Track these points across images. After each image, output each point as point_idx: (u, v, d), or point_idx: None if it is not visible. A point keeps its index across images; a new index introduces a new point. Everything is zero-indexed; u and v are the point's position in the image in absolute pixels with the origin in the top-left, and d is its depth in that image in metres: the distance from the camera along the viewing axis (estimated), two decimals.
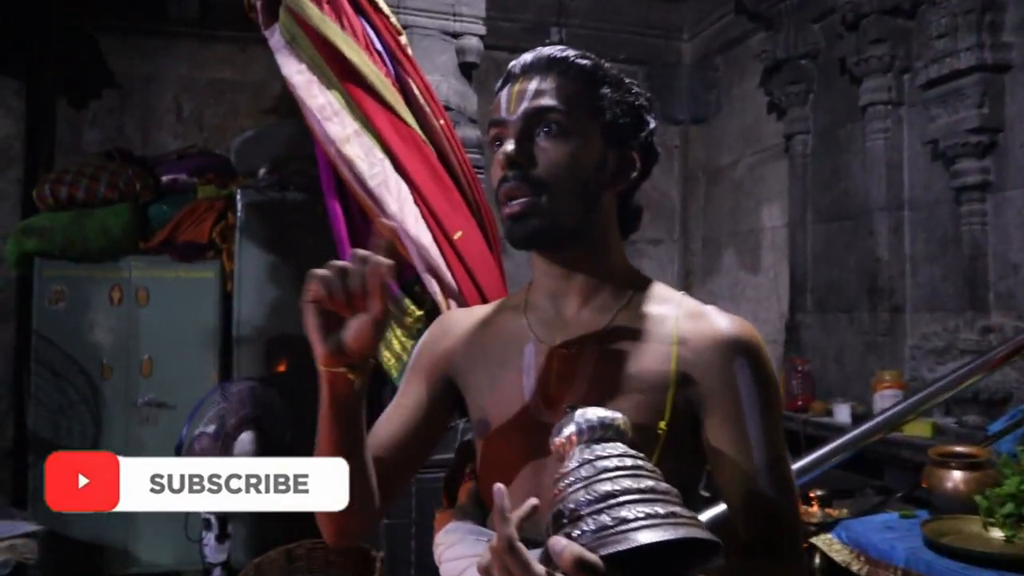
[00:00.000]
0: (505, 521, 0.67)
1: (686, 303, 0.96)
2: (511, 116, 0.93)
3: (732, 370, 0.89)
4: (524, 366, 0.96)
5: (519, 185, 0.91)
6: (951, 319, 3.10)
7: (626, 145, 0.96)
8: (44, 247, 3.30)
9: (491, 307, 1.09)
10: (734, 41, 4.33)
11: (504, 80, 0.98)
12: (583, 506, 0.69)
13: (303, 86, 2.22)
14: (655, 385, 0.89)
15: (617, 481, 0.70)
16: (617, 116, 0.95)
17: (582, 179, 0.92)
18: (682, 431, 0.90)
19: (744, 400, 0.89)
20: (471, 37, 2.59)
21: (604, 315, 0.96)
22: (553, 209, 0.91)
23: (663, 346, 0.92)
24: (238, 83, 4.11)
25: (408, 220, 2.24)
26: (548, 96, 0.92)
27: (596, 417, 0.77)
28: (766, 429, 0.89)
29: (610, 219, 0.98)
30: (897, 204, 3.29)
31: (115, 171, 3.48)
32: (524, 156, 0.91)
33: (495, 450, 0.97)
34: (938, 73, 2.91)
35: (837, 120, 3.60)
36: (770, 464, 0.88)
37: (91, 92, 3.88)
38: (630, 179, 0.97)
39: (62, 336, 3.34)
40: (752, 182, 4.31)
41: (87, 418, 3.37)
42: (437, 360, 1.05)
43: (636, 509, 0.67)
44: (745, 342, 0.91)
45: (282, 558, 1.72)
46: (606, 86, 0.95)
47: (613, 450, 0.74)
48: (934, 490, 1.89)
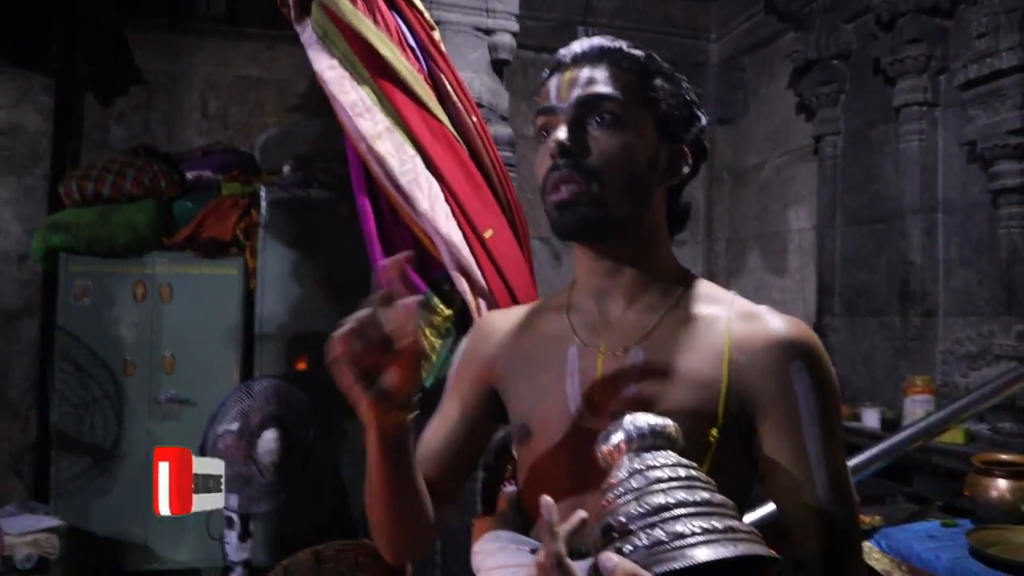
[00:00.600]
0: (553, 536, 0.64)
1: (738, 303, 0.92)
2: (562, 103, 0.90)
3: (788, 374, 0.85)
4: (568, 370, 0.92)
5: (571, 174, 0.87)
6: (986, 324, 3.03)
7: (679, 140, 0.93)
8: (70, 243, 3.30)
9: (531, 308, 1.06)
10: (763, 42, 4.27)
11: (553, 68, 0.94)
12: (634, 519, 0.66)
13: (335, 81, 2.20)
14: (706, 390, 0.85)
15: (670, 493, 0.67)
16: (671, 109, 0.92)
17: (635, 172, 0.89)
18: (734, 439, 0.85)
19: (802, 406, 0.84)
20: (504, 34, 2.56)
21: (651, 316, 0.92)
22: (604, 199, 0.87)
23: (714, 348, 0.87)
24: (264, 80, 4.10)
25: (439, 218, 2.21)
26: (602, 85, 0.89)
27: (646, 424, 0.73)
28: (825, 437, 0.84)
29: (659, 216, 0.95)
30: (931, 207, 3.22)
31: (141, 167, 3.48)
32: (577, 144, 0.88)
33: (537, 457, 0.93)
34: (978, 73, 2.84)
35: (869, 121, 3.54)
36: (830, 475, 0.84)
37: (118, 89, 3.89)
38: (681, 175, 0.94)
39: (86, 331, 3.34)
40: (779, 184, 4.25)
41: (110, 414, 3.36)
42: (478, 368, 1.03)
43: (692, 523, 0.64)
44: (802, 344, 0.87)
45: (311, 559, 1.69)
46: (660, 78, 0.92)
47: (665, 459, 0.71)
48: (978, 499, 1.84)
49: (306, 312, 3.51)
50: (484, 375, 1.02)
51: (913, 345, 3.28)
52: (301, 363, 3.50)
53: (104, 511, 3.32)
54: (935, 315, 3.23)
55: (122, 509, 3.32)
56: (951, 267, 3.19)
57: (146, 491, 3.33)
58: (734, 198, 4.65)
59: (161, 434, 3.39)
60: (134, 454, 3.37)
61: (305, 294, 3.51)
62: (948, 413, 1.94)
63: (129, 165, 3.47)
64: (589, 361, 0.92)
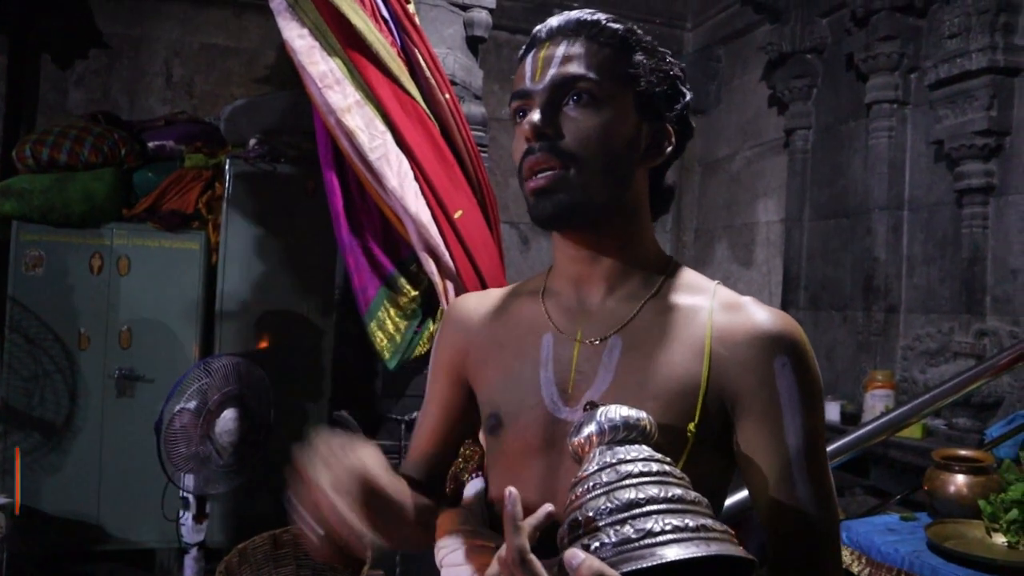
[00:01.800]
0: (517, 531, 0.60)
1: (721, 293, 0.88)
2: (536, 85, 0.85)
3: (771, 369, 0.81)
4: (542, 358, 0.88)
5: (546, 157, 0.83)
6: (946, 321, 3.09)
7: (661, 118, 0.88)
8: (22, 210, 3.17)
9: (505, 292, 1.02)
10: (738, 32, 4.28)
11: (528, 46, 0.90)
12: (603, 515, 0.63)
13: (304, 51, 2.13)
14: (685, 383, 0.82)
15: (642, 488, 0.64)
16: (652, 86, 0.86)
17: (614, 152, 0.84)
18: (713, 434, 0.82)
19: (784, 403, 0.80)
20: (480, 10, 2.51)
21: (631, 304, 0.88)
22: (582, 184, 0.83)
23: (695, 340, 0.84)
24: (231, 50, 3.98)
25: (408, 196, 2.17)
26: (577, 63, 0.84)
27: (619, 416, 0.70)
28: (807, 435, 0.81)
29: (641, 198, 0.90)
30: (897, 204, 3.27)
31: (100, 134, 3.35)
32: (551, 126, 0.83)
33: (506, 448, 0.90)
34: (948, 73, 2.87)
35: (840, 116, 3.57)
36: (810, 474, 0.80)
37: (78, 51, 3.73)
38: (664, 154, 0.89)
39: (38, 303, 3.22)
40: (749, 176, 4.28)
41: (62, 388, 3.26)
42: (450, 358, 1.00)
43: (663, 521, 0.61)
44: (787, 338, 0.83)
45: (267, 543, 1.66)
46: (640, 53, 0.87)
47: (637, 453, 0.68)
48: (936, 493, 1.86)
49: (269, 289, 3.43)
50: (456, 365, 0.99)
51: (875, 340, 3.33)
52: (263, 342, 3.43)
53: (55, 489, 3.22)
54: (897, 311, 3.28)
55: (74, 487, 3.23)
56: (914, 264, 3.24)
57: (99, 469, 3.27)
58: (704, 188, 4.67)
59: (115, 411, 3.30)
60: (87, 430, 3.27)
61: (268, 271, 3.43)
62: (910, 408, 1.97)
63: (87, 131, 3.34)
64: (564, 349, 0.88)
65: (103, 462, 3.28)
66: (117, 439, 3.28)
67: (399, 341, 2.31)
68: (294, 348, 3.43)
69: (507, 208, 4.21)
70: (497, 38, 4.21)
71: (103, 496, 3.27)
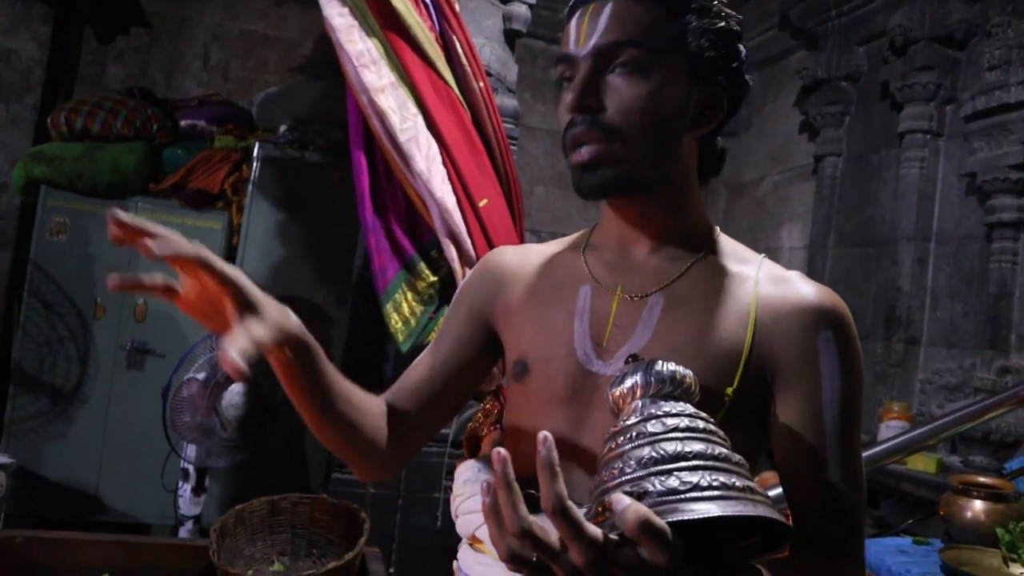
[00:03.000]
0: (554, 477, 0.56)
1: (767, 265, 0.86)
2: (580, 51, 0.82)
3: (815, 343, 0.79)
4: (578, 308, 0.86)
5: (588, 130, 0.80)
6: (968, 357, 3.03)
7: (713, 81, 0.84)
8: (52, 176, 3.21)
9: (547, 246, 1.00)
10: (773, 58, 4.27)
11: (572, 7, 0.86)
12: (648, 464, 0.60)
13: (343, 29, 2.14)
14: (727, 347, 0.80)
15: (688, 443, 0.62)
16: (704, 48, 0.82)
17: (661, 123, 0.81)
18: (748, 403, 0.81)
19: (824, 378, 0.79)
20: (520, 4, 2.52)
21: (677, 264, 0.86)
22: (628, 157, 0.80)
23: (740, 306, 0.82)
24: (270, 38, 4.03)
25: (435, 180, 2.17)
26: (623, 27, 0.80)
27: (668, 370, 0.68)
28: (845, 413, 0.79)
29: (689, 166, 0.87)
30: (924, 235, 3.23)
31: (134, 108, 3.39)
32: (594, 98, 0.81)
33: (530, 395, 0.87)
34: (985, 105, 2.85)
35: (872, 145, 3.55)
36: (844, 453, 0.79)
37: (120, 28, 3.80)
38: (715, 121, 0.86)
39: (59, 269, 3.24)
40: (775, 201, 4.25)
41: (74, 356, 3.27)
42: (477, 300, 0.97)
43: (711, 476, 0.59)
44: (834, 313, 0.81)
45: (265, 508, 1.63)
46: (690, 13, 0.83)
47: (683, 408, 0.66)
48: (953, 518, 1.81)
49: (286, 274, 3.43)
50: (483, 309, 0.96)
51: (894, 371, 3.28)
52: None
53: (57, 455, 3.22)
54: (918, 343, 3.23)
55: (75, 455, 3.23)
56: (938, 297, 3.19)
57: (102, 439, 3.26)
58: (729, 211, 4.65)
59: (124, 382, 3.30)
60: (94, 400, 3.28)
61: (288, 256, 3.44)
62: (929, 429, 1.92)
63: (122, 104, 3.38)
64: (602, 302, 0.86)
65: (107, 433, 3.27)
66: (123, 411, 3.27)
67: (414, 325, 2.29)
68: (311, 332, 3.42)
69: (529, 215, 4.20)
70: (532, 46, 4.23)
71: (104, 467, 3.26)
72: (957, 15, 3.06)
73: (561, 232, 4.52)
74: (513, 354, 0.92)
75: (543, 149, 4.43)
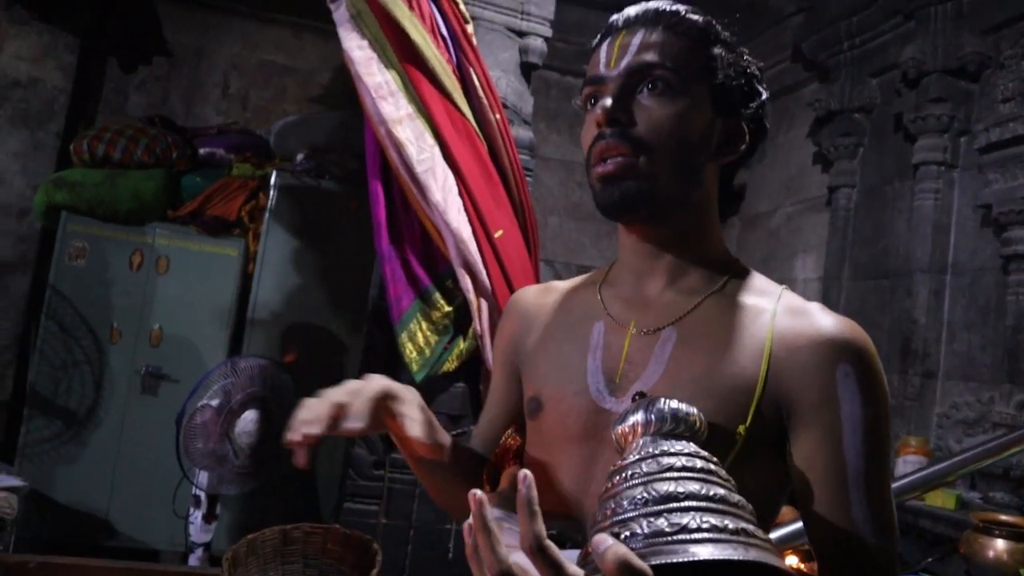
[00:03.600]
0: (532, 516, 0.55)
1: (787, 297, 0.84)
2: (611, 71, 0.83)
3: (833, 376, 0.76)
4: (591, 345, 0.86)
5: (616, 143, 0.81)
6: (986, 390, 2.99)
7: (735, 114, 0.86)
8: (73, 201, 3.26)
9: (566, 284, 1.01)
10: (786, 89, 4.30)
11: (603, 34, 0.88)
12: (638, 505, 0.59)
13: (362, 62, 2.18)
14: (739, 383, 0.78)
15: (682, 483, 0.60)
16: (729, 80, 0.84)
17: (686, 144, 0.82)
18: (763, 440, 0.77)
19: (844, 414, 0.75)
20: (536, 38, 2.55)
21: (691, 298, 0.85)
22: (652, 173, 0.81)
23: (755, 340, 0.80)
24: (288, 68, 4.10)
25: (451, 211, 2.19)
26: (655, 51, 0.82)
27: (668, 408, 0.67)
28: (868, 452, 0.75)
29: (711, 195, 0.88)
30: (940, 267, 3.21)
31: (154, 136, 3.45)
32: (624, 112, 0.81)
33: (545, 433, 0.87)
34: (999, 137, 2.85)
35: (885, 176, 3.54)
36: (870, 495, 0.74)
37: (142, 58, 3.88)
38: (737, 152, 0.86)
39: (77, 293, 3.28)
40: (789, 232, 4.24)
41: (89, 380, 3.29)
42: (507, 348, 1.00)
43: (700, 518, 0.57)
44: (853, 345, 0.77)
45: (278, 537, 1.62)
46: (719, 46, 0.85)
47: (682, 448, 0.65)
48: (974, 557, 1.77)
49: (301, 302, 3.46)
50: (511, 356, 0.99)
51: (910, 405, 3.24)
52: (290, 354, 3.43)
53: (69, 478, 3.23)
54: (935, 377, 3.20)
55: (87, 479, 3.24)
56: (955, 330, 3.16)
57: (114, 464, 3.27)
58: (742, 242, 4.64)
59: (138, 407, 3.32)
60: (108, 424, 3.29)
61: (303, 284, 3.47)
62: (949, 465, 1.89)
63: (143, 132, 3.44)
64: (615, 338, 0.86)
65: (119, 457, 3.29)
66: (136, 436, 3.29)
67: (428, 355, 2.29)
68: (320, 362, 3.43)
69: (544, 246, 4.21)
70: (547, 78, 4.28)
71: (115, 491, 3.26)
72: (969, 48, 3.07)
73: (575, 262, 4.55)
74: (529, 391, 0.92)
75: (557, 180, 4.45)
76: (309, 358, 3.37)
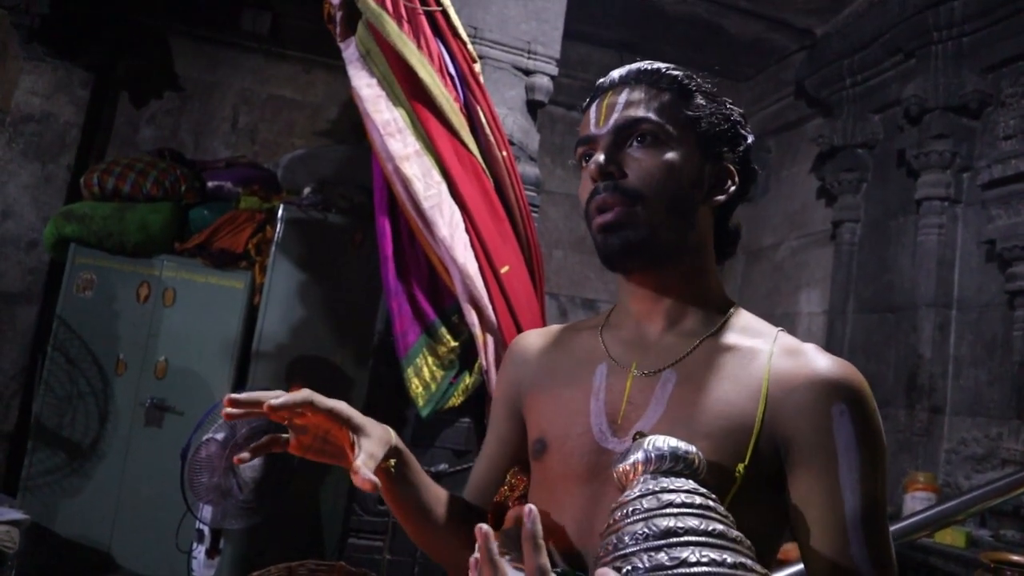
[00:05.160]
0: (537, 549, 0.58)
1: (782, 339, 0.87)
2: (600, 130, 0.89)
3: (828, 416, 0.78)
4: (594, 387, 0.89)
5: (611, 196, 0.86)
6: (994, 426, 2.98)
7: (722, 158, 0.91)
8: (81, 234, 3.29)
9: (566, 327, 1.04)
10: (789, 124, 4.34)
11: (592, 96, 0.94)
12: (639, 540, 0.62)
13: (370, 100, 2.22)
14: (738, 423, 0.80)
15: (682, 519, 0.63)
16: (712, 127, 0.89)
17: (677, 190, 0.86)
18: (762, 478, 0.79)
19: (840, 453, 0.77)
20: (542, 76, 2.59)
21: (689, 340, 0.88)
22: (649, 221, 0.85)
23: (752, 381, 0.83)
24: (297, 102, 4.16)
25: (457, 247, 2.20)
26: (640, 107, 0.88)
27: (668, 447, 0.70)
28: (865, 492, 0.76)
29: (706, 238, 0.92)
30: (945, 302, 3.21)
31: (164, 170, 3.49)
32: (616, 166, 0.87)
33: (549, 473, 0.89)
34: (1001, 174, 2.87)
35: (889, 211, 3.56)
36: (868, 536, 0.76)
37: (153, 92, 3.95)
38: (727, 193, 0.91)
39: (84, 325, 3.30)
40: (793, 266, 4.26)
41: (93, 411, 3.29)
42: (508, 390, 1.02)
43: (699, 553, 0.60)
44: (848, 385, 0.80)
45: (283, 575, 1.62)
46: (700, 96, 0.90)
47: (682, 485, 0.67)
48: None
49: (307, 334, 3.46)
50: (513, 399, 1.01)
51: (917, 441, 3.22)
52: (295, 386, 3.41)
53: (71, 511, 3.21)
54: (942, 412, 3.18)
55: (90, 512, 3.22)
56: (961, 365, 3.15)
57: (117, 497, 3.26)
58: (747, 276, 4.65)
59: (142, 439, 3.31)
60: (111, 456, 3.28)
61: (308, 316, 3.47)
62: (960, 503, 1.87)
63: (152, 166, 3.48)
64: (617, 380, 0.88)
65: (122, 490, 3.27)
66: (140, 468, 3.27)
67: (434, 390, 2.29)
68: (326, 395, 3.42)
69: (549, 279, 4.22)
70: (553, 113, 4.33)
71: (118, 524, 3.24)
72: (971, 85, 3.11)
73: (580, 295, 4.56)
74: (534, 432, 0.94)
75: (562, 213, 4.48)
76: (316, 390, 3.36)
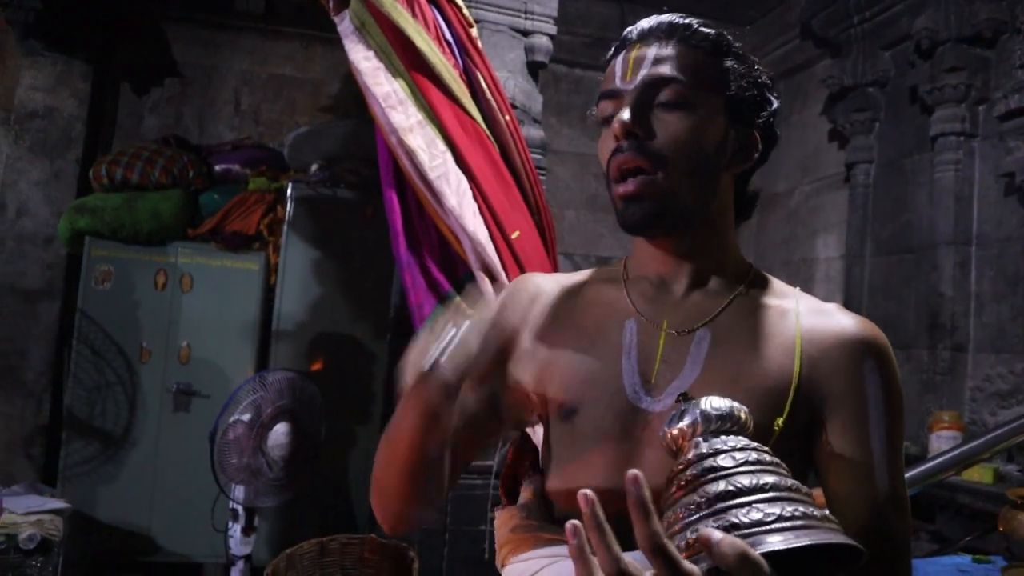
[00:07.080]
0: (647, 515, 0.55)
1: (805, 298, 0.89)
2: (627, 84, 0.85)
3: (861, 373, 0.82)
4: (625, 345, 0.86)
5: (634, 156, 0.83)
6: (1018, 361, 2.95)
7: (749, 124, 0.88)
8: (95, 226, 3.32)
9: (580, 275, 0.99)
10: (797, 67, 4.25)
11: (617, 48, 0.90)
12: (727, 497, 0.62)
13: (369, 73, 2.19)
14: (775, 379, 0.82)
15: (760, 476, 0.63)
16: (742, 91, 0.86)
17: (702, 156, 0.84)
18: (796, 432, 0.82)
19: (871, 406, 0.81)
20: (541, 36, 2.55)
21: (717, 300, 0.88)
22: (670, 189, 0.83)
23: (785, 339, 0.84)
24: (297, 80, 4.13)
25: (466, 215, 2.19)
26: (669, 64, 0.84)
27: (725, 406, 0.70)
28: (891, 441, 0.82)
29: (727, 204, 0.90)
30: (964, 239, 3.16)
31: (171, 157, 3.50)
32: (642, 126, 0.83)
33: (578, 435, 0.86)
34: (1019, 104, 2.80)
35: (904, 150, 3.49)
36: (891, 479, 0.81)
37: (154, 80, 3.93)
38: (751, 160, 0.89)
39: (105, 316, 3.34)
40: (808, 211, 4.20)
41: (122, 400, 3.35)
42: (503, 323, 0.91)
43: (791, 507, 0.61)
44: (875, 344, 0.84)
45: (315, 550, 1.65)
46: (731, 58, 0.87)
47: (747, 443, 0.67)
48: (1013, 534, 1.75)
49: (324, 311, 3.49)
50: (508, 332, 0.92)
51: (941, 380, 3.20)
52: (316, 363, 3.47)
53: (109, 498, 3.30)
54: (965, 350, 3.15)
55: (127, 497, 3.30)
56: (983, 301, 3.12)
57: (153, 481, 3.33)
58: (762, 224, 4.60)
59: (171, 424, 3.38)
60: (143, 442, 3.35)
61: (325, 293, 3.50)
62: (986, 441, 1.87)
63: (159, 154, 3.49)
64: (649, 338, 0.87)
65: (157, 474, 3.35)
66: (171, 452, 3.34)
67: None
68: (346, 371, 3.47)
69: (562, 239, 4.20)
70: (555, 71, 4.26)
71: (155, 508, 3.32)
72: (984, 14, 3.01)
73: (594, 254, 4.54)
74: (558, 394, 0.89)
75: (571, 172, 4.44)
76: (335, 367, 3.41)
